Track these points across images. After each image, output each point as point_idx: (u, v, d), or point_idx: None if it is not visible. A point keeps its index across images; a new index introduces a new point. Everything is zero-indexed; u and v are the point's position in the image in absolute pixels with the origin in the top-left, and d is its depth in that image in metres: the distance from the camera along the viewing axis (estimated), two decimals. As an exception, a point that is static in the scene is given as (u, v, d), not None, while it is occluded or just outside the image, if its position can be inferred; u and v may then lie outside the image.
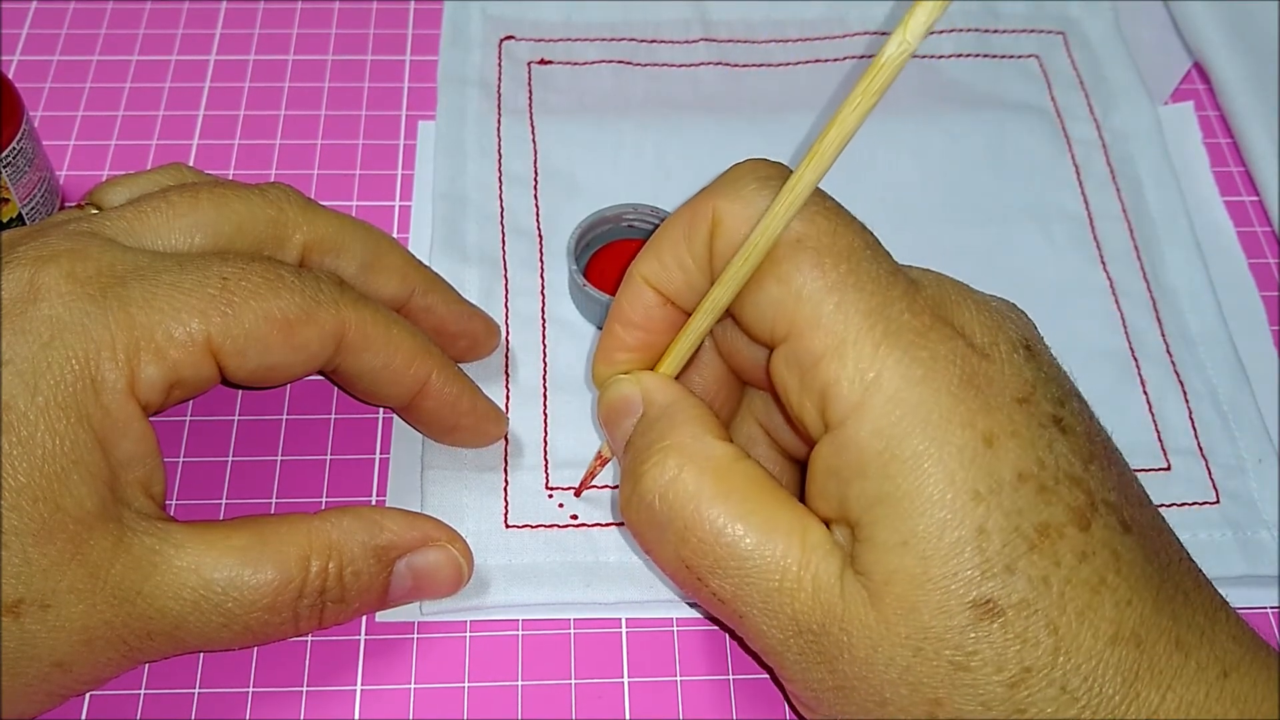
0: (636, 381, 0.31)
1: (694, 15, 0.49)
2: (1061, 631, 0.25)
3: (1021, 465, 0.26)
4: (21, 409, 0.28)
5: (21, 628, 0.28)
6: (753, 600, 0.28)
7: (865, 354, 0.26)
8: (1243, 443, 0.39)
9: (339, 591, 0.31)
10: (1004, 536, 0.25)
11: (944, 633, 0.26)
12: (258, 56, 0.48)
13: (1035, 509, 0.26)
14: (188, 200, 0.33)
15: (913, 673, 0.26)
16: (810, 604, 0.27)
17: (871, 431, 0.26)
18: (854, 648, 0.26)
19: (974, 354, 0.27)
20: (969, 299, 0.28)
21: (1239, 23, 0.47)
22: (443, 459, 0.37)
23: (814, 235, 0.27)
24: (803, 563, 0.27)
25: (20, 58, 0.48)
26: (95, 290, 0.30)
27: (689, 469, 0.29)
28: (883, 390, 0.26)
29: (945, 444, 0.26)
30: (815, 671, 0.28)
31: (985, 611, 0.25)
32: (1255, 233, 0.45)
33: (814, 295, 0.27)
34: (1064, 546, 0.26)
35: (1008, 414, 0.26)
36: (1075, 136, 0.47)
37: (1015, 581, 0.25)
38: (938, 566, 0.25)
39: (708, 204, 0.29)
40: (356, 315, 0.32)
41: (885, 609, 0.26)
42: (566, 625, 0.35)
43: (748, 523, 0.28)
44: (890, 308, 0.27)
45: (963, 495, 0.26)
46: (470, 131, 0.45)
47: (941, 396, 0.26)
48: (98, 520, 0.29)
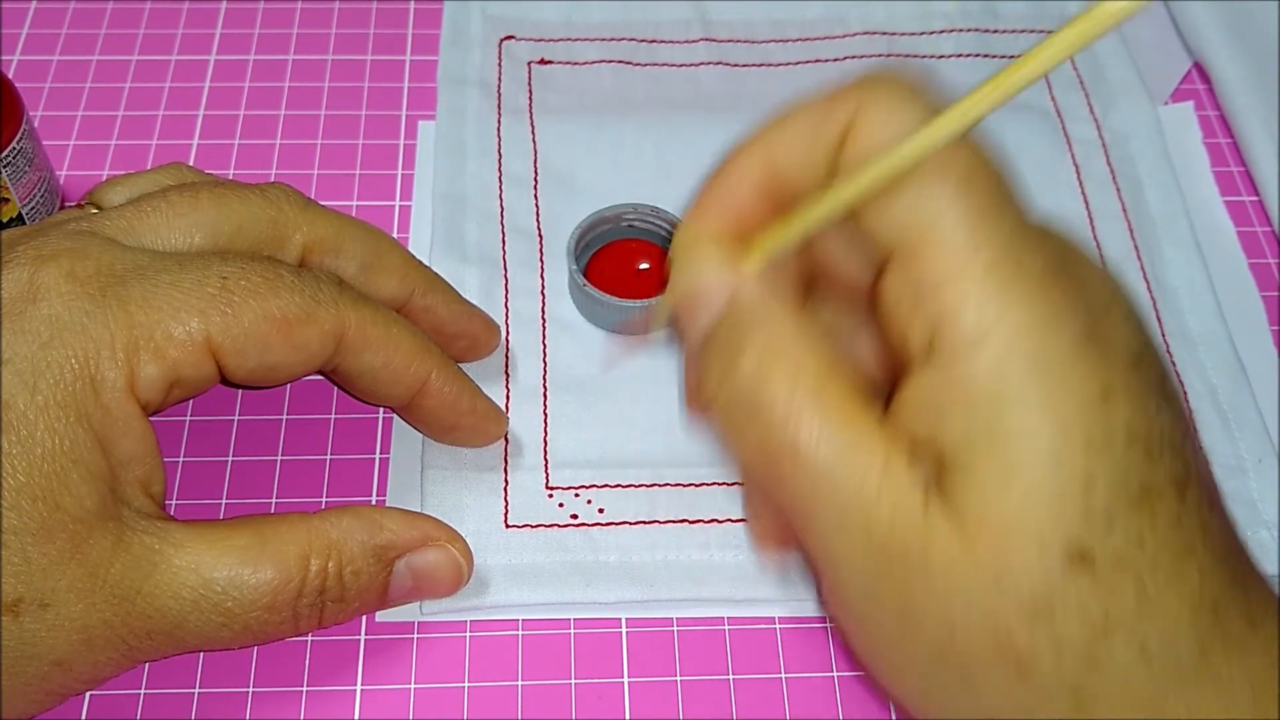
0: (727, 269, 0.30)
1: (694, 15, 0.49)
2: (1149, 591, 0.25)
3: (1132, 424, 0.26)
4: (21, 408, 0.28)
5: (21, 627, 0.28)
6: (827, 506, 0.27)
7: (993, 291, 0.26)
8: (1243, 443, 0.39)
9: (339, 591, 0.31)
10: (1110, 489, 0.25)
11: (1032, 573, 0.25)
12: (258, 56, 0.48)
13: (1142, 470, 0.26)
14: (188, 200, 0.33)
15: (990, 607, 0.26)
16: (889, 519, 0.27)
17: (988, 368, 0.26)
18: (930, 570, 0.26)
19: (1095, 310, 0.27)
20: (1088, 256, 0.28)
21: (1239, 23, 0.47)
22: (443, 459, 0.37)
23: (964, 160, 0.27)
24: (885, 476, 0.27)
25: (20, 57, 0.48)
26: (95, 289, 0.30)
27: (786, 367, 0.28)
28: (1005, 329, 0.26)
29: (1063, 391, 0.25)
30: (880, 590, 0.27)
31: (1080, 560, 0.25)
32: (1255, 233, 0.45)
33: (953, 218, 0.26)
34: (1162, 509, 0.26)
35: (1124, 372, 0.26)
36: (1075, 136, 0.47)
37: (1114, 536, 0.25)
38: (1039, 507, 0.25)
39: (849, 100, 0.28)
40: (356, 315, 0.32)
41: (974, 541, 0.26)
42: (566, 625, 0.35)
43: (837, 428, 0.27)
44: (1024, 250, 0.26)
45: (1076, 443, 0.25)
46: (470, 131, 0.45)
47: (1064, 345, 0.26)
48: (97, 519, 0.29)
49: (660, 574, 0.35)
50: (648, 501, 0.37)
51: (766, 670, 0.34)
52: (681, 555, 0.36)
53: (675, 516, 0.36)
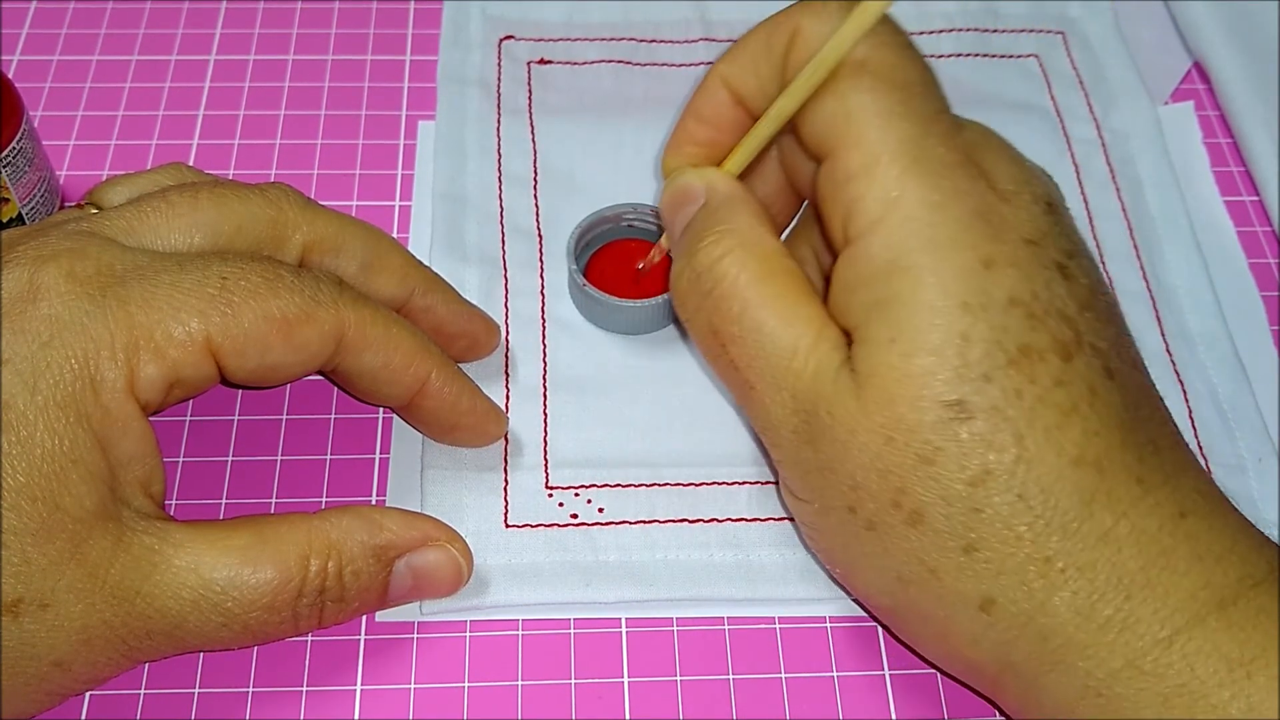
0: (702, 175, 0.34)
1: (694, 15, 0.49)
2: (1026, 443, 0.27)
3: (1014, 291, 0.28)
4: (20, 408, 0.28)
5: (20, 627, 0.28)
6: (762, 372, 0.30)
7: (892, 176, 0.28)
8: (1243, 442, 0.39)
9: (338, 591, 0.31)
10: (985, 347, 0.27)
11: (915, 426, 0.28)
12: (258, 56, 0.48)
13: (1021, 331, 0.28)
14: (187, 200, 0.33)
15: (882, 460, 0.28)
16: (809, 386, 0.29)
17: (883, 244, 0.28)
18: (835, 430, 0.29)
19: (993, 194, 0.29)
20: (1005, 152, 0.31)
21: (1239, 23, 0.47)
22: (442, 459, 0.37)
23: (878, 61, 0.29)
24: (810, 348, 0.30)
25: (20, 57, 0.48)
26: (95, 289, 0.30)
27: (738, 251, 0.31)
28: (900, 209, 0.28)
29: (946, 260, 0.28)
30: (803, 451, 0.30)
31: (957, 412, 0.27)
32: (1255, 232, 0.45)
33: (862, 116, 0.29)
34: (1042, 369, 0.28)
35: (1013, 248, 0.28)
36: (1075, 136, 0.47)
37: (989, 390, 0.27)
38: (918, 363, 0.28)
39: (793, 16, 0.31)
40: (356, 315, 0.32)
41: (866, 398, 0.28)
42: (566, 625, 0.35)
43: (775, 306, 0.30)
44: (927, 139, 0.29)
45: (953, 305, 0.28)
46: (470, 131, 0.45)
47: (953, 221, 0.28)
48: (97, 520, 0.29)
49: (660, 574, 0.35)
50: (648, 501, 0.37)
51: (766, 670, 0.34)
52: (681, 555, 0.36)
53: (675, 516, 0.36)
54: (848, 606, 0.35)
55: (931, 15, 0.50)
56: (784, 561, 0.36)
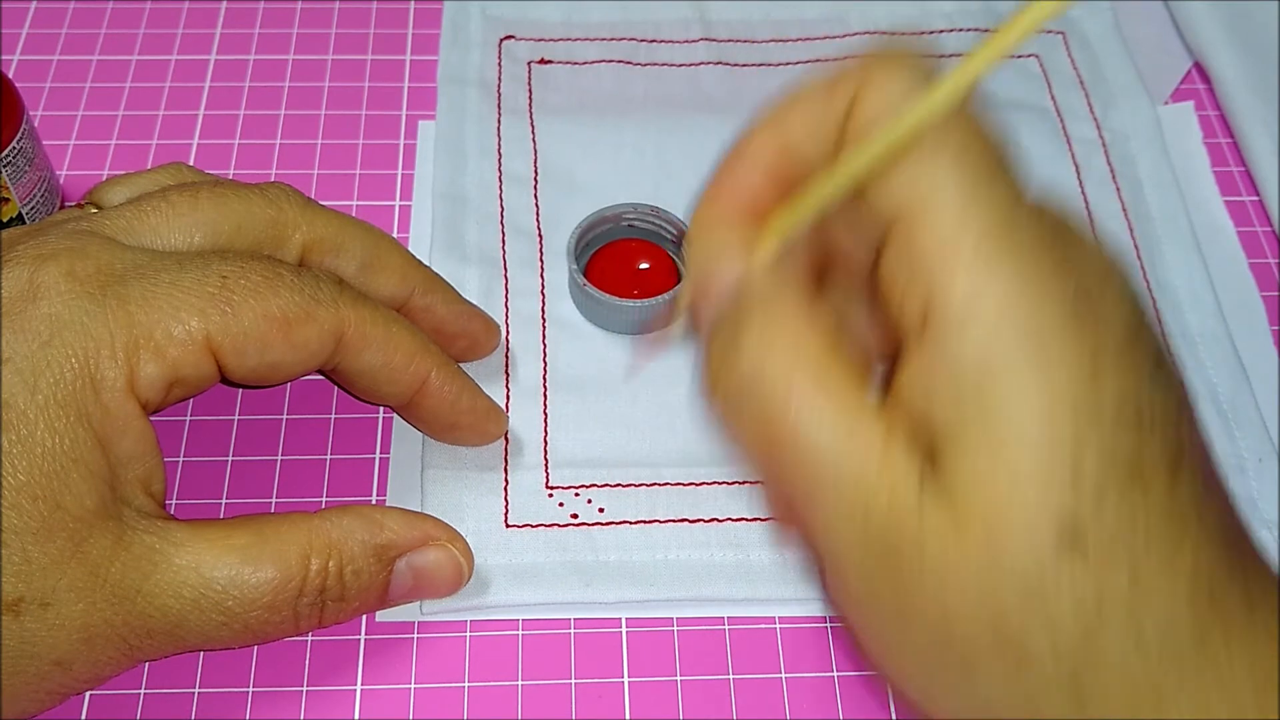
0: (739, 255, 0.30)
1: (694, 15, 0.49)
2: (1142, 574, 0.25)
3: (1124, 397, 0.25)
4: (21, 407, 0.28)
5: (21, 626, 0.28)
6: (826, 495, 0.27)
7: (983, 265, 0.26)
8: (1243, 442, 0.39)
9: (339, 590, 0.31)
10: (1100, 467, 0.25)
11: (1024, 552, 0.25)
12: (258, 56, 0.48)
13: (1131, 444, 0.25)
14: (187, 200, 0.33)
15: (984, 593, 0.25)
16: (886, 507, 0.26)
17: (976, 341, 0.25)
18: (926, 560, 0.25)
19: (1088, 289, 0.26)
20: (1087, 235, 0.28)
21: (1239, 23, 0.47)
22: (443, 458, 0.37)
23: (960, 134, 0.27)
24: (884, 463, 0.26)
25: (20, 57, 0.48)
26: (94, 289, 0.30)
27: (787, 351, 0.28)
28: (995, 303, 0.25)
29: (1051, 365, 0.25)
30: (875, 575, 0.27)
31: (1071, 539, 0.25)
32: (1255, 232, 0.45)
33: (946, 193, 0.26)
34: (1155, 489, 0.25)
35: (1115, 346, 0.26)
36: (1075, 136, 0.47)
37: (1103, 515, 0.24)
38: (1027, 487, 0.25)
39: (853, 77, 0.28)
40: (355, 314, 0.32)
41: (964, 520, 0.25)
42: (566, 625, 0.35)
43: (836, 416, 0.27)
44: (1017, 226, 0.26)
45: (1064, 416, 0.25)
46: (470, 131, 0.45)
47: (1054, 319, 0.25)
48: (97, 518, 0.29)
49: (660, 574, 0.35)
50: (648, 501, 0.37)
51: (766, 670, 0.34)
52: (681, 555, 0.36)
53: (675, 516, 0.36)
54: (848, 606, 0.35)
55: (931, 15, 0.50)
56: (784, 561, 0.36)
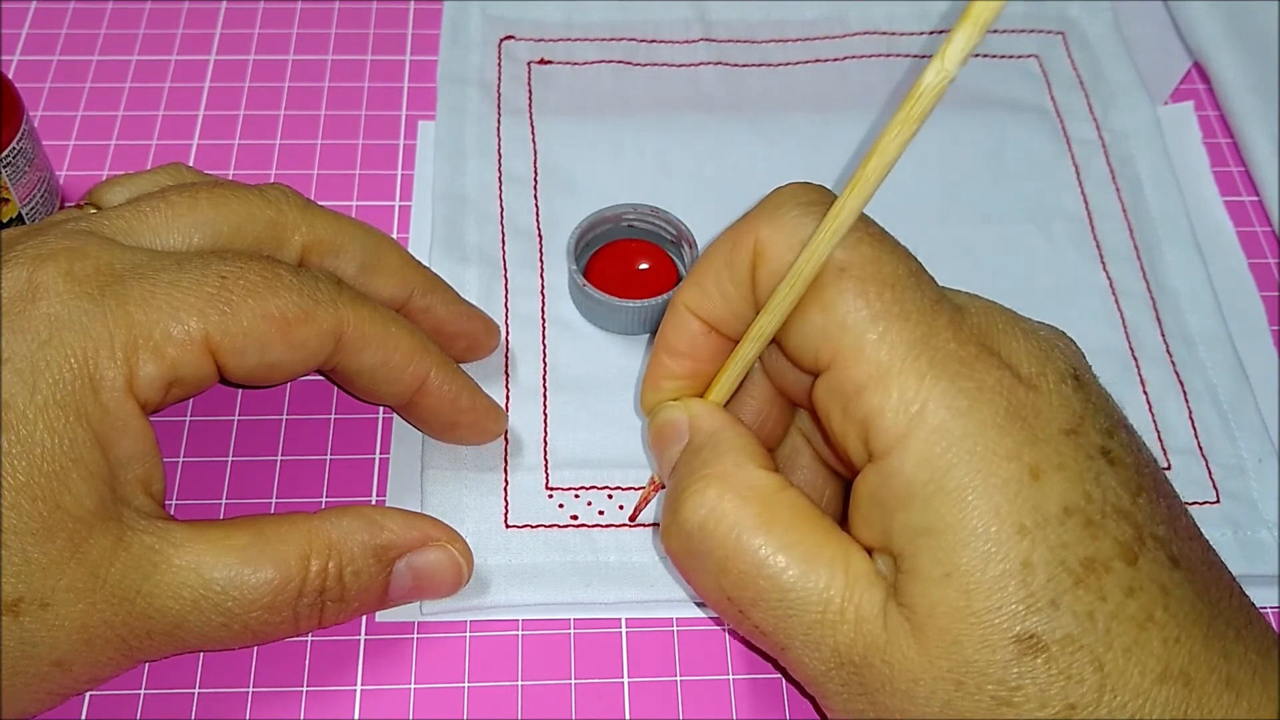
0: (684, 408, 0.31)
1: (694, 15, 0.49)
2: (1107, 669, 0.25)
3: (1068, 499, 0.26)
4: (20, 407, 0.28)
5: (21, 626, 0.28)
6: (795, 632, 0.27)
7: (909, 385, 0.26)
8: (1243, 442, 0.39)
9: (339, 591, 0.31)
10: (1049, 571, 0.25)
11: (987, 667, 0.25)
12: (258, 56, 0.48)
13: (1081, 543, 0.25)
14: (187, 200, 0.33)
15: (954, 707, 0.26)
16: (853, 636, 0.27)
17: (916, 463, 0.26)
18: (895, 680, 0.26)
19: (1020, 385, 0.26)
20: (1016, 327, 0.28)
21: (1239, 23, 0.47)
22: (442, 459, 0.37)
23: (858, 263, 0.27)
24: (846, 595, 0.27)
25: (20, 57, 0.48)
26: (94, 289, 0.30)
27: (730, 498, 0.28)
28: (927, 422, 0.26)
29: (990, 476, 0.25)
30: (856, 703, 0.27)
31: (1029, 647, 0.25)
32: (1255, 233, 0.45)
33: (857, 324, 0.27)
34: (1110, 581, 0.25)
35: (1055, 446, 0.26)
36: (1075, 136, 0.47)
37: (1060, 617, 0.25)
38: (981, 600, 0.25)
39: (750, 232, 0.29)
40: (354, 314, 0.32)
41: (928, 642, 0.26)
42: (566, 625, 0.35)
43: (790, 554, 0.27)
44: (935, 337, 0.26)
45: (1008, 529, 0.25)
46: (470, 131, 0.45)
47: (987, 428, 0.26)
48: (97, 519, 0.29)
49: (660, 574, 0.35)
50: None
51: (766, 670, 0.34)
52: (681, 555, 0.36)
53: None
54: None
55: (931, 15, 0.50)
56: None
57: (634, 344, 0.40)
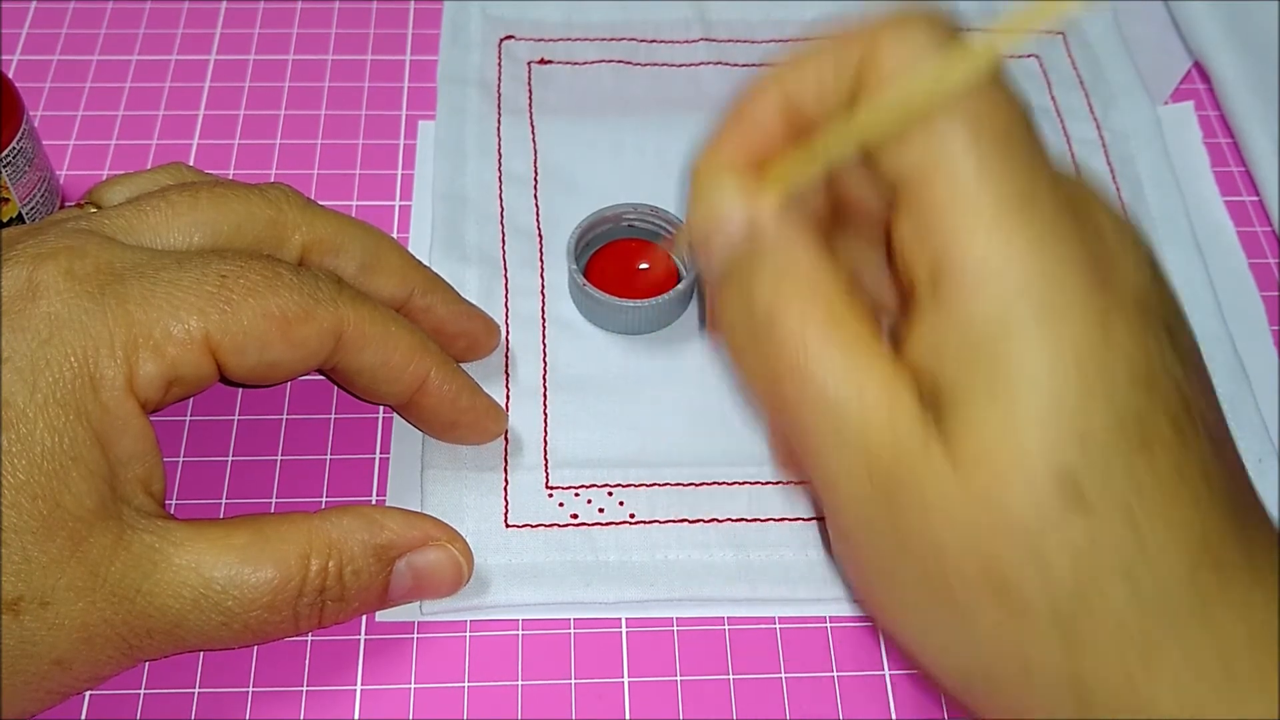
0: (747, 198, 0.30)
1: (694, 15, 0.49)
2: (1142, 529, 0.25)
3: (1134, 360, 0.26)
4: (20, 406, 0.28)
5: (21, 625, 0.28)
6: (829, 430, 0.27)
7: (1001, 227, 0.26)
8: (1243, 442, 0.38)
9: (339, 590, 0.31)
10: (1102, 420, 0.25)
11: (1025, 502, 0.25)
12: (258, 56, 0.48)
13: (1137, 403, 0.25)
14: (187, 199, 0.33)
15: (979, 537, 0.26)
16: (889, 445, 0.27)
17: (988, 301, 0.26)
18: (925, 497, 0.26)
19: (1105, 252, 0.27)
20: (1109, 207, 0.28)
21: (1239, 22, 0.47)
22: (443, 458, 0.37)
23: (978, 100, 0.27)
24: (889, 405, 0.27)
25: (20, 57, 0.48)
26: (94, 288, 0.30)
27: (803, 290, 0.28)
28: (1009, 266, 0.26)
29: (1061, 324, 0.25)
30: (876, 517, 0.27)
31: (1068, 491, 0.25)
32: (1255, 233, 0.45)
33: (963, 160, 0.26)
34: (1159, 446, 0.25)
35: (1127, 312, 0.26)
36: (1075, 136, 0.47)
37: (1104, 468, 0.25)
38: (1032, 439, 0.25)
39: (870, 36, 0.28)
40: (355, 313, 0.32)
41: (964, 467, 0.26)
42: (566, 625, 0.35)
43: (845, 356, 0.27)
44: (1034, 190, 0.26)
45: (1072, 376, 0.25)
46: (470, 131, 0.45)
47: (1066, 281, 0.26)
48: (97, 518, 0.29)
49: (660, 574, 0.35)
50: (647, 501, 0.37)
51: (766, 670, 0.34)
52: (681, 555, 0.36)
53: (675, 516, 0.36)
54: (848, 607, 0.35)
55: (931, 15, 0.50)
56: (784, 561, 0.35)
57: (634, 344, 0.40)
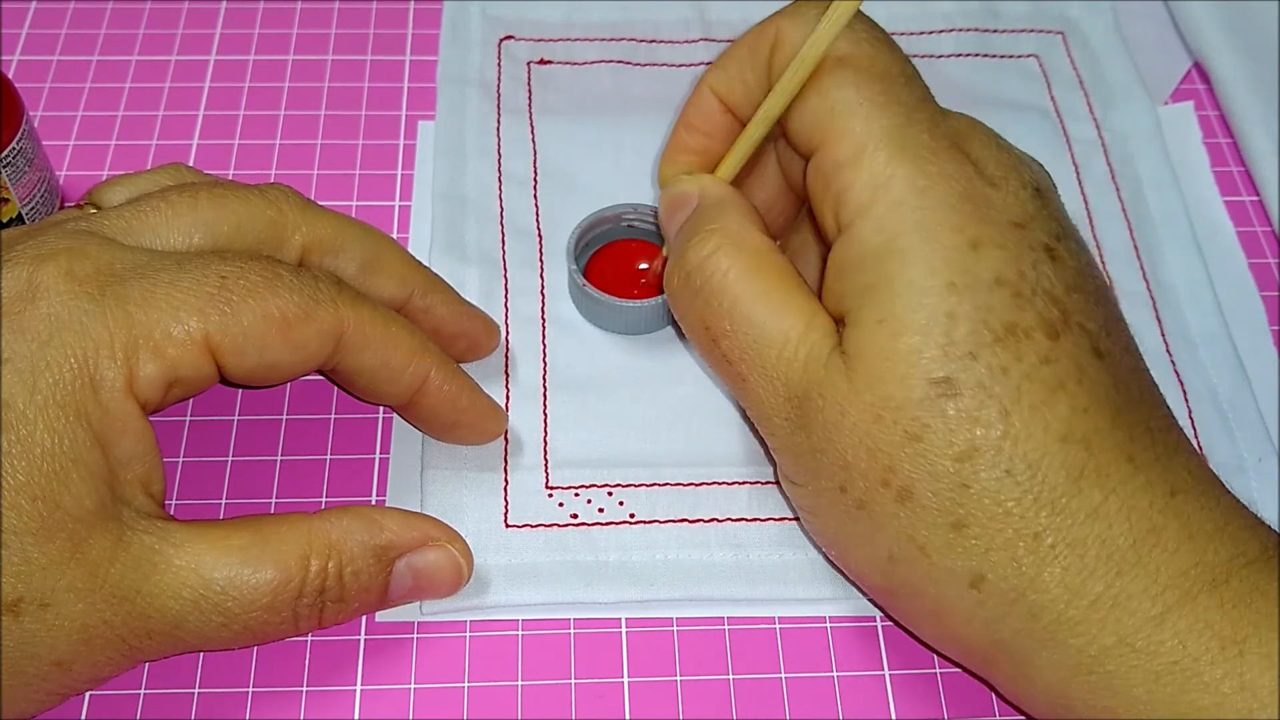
0: (695, 181, 0.35)
1: (693, 15, 0.49)
2: (1013, 419, 0.28)
3: (1001, 271, 0.28)
4: (20, 407, 0.28)
5: (21, 626, 0.28)
6: (754, 364, 0.31)
7: (879, 163, 0.29)
8: (1243, 442, 0.39)
9: (339, 591, 0.31)
10: (971, 325, 0.28)
11: (903, 403, 0.28)
12: (258, 56, 0.48)
13: (1006, 310, 0.28)
14: (187, 200, 0.33)
15: (872, 438, 0.29)
16: (801, 374, 0.30)
17: (873, 229, 0.29)
18: (826, 411, 0.29)
19: (980, 179, 0.30)
20: (992, 140, 0.31)
21: (1239, 22, 0.47)
22: (442, 458, 0.37)
23: (857, 56, 0.31)
24: (801, 338, 0.30)
25: (20, 57, 0.48)
26: (94, 289, 0.30)
27: (727, 248, 0.32)
28: (889, 195, 0.29)
29: (933, 242, 0.29)
30: (796, 436, 0.31)
31: (944, 389, 0.28)
32: (1255, 232, 0.45)
33: (846, 109, 0.30)
34: (1028, 347, 0.28)
35: (999, 230, 0.29)
36: (1075, 136, 0.47)
37: (975, 366, 0.28)
38: (905, 342, 0.28)
39: (773, 22, 0.32)
40: (355, 314, 0.32)
41: (855, 377, 0.29)
42: (566, 625, 0.35)
43: (765, 300, 0.31)
44: (911, 127, 0.30)
45: (939, 284, 0.28)
46: (470, 131, 0.45)
47: (940, 205, 0.29)
48: (97, 519, 0.29)
49: (660, 574, 0.35)
50: (647, 501, 0.37)
51: (766, 670, 0.34)
52: (681, 555, 0.36)
53: (675, 516, 0.36)
54: (848, 606, 0.35)
55: (931, 15, 0.50)
56: (784, 561, 0.36)
57: (634, 344, 0.40)
